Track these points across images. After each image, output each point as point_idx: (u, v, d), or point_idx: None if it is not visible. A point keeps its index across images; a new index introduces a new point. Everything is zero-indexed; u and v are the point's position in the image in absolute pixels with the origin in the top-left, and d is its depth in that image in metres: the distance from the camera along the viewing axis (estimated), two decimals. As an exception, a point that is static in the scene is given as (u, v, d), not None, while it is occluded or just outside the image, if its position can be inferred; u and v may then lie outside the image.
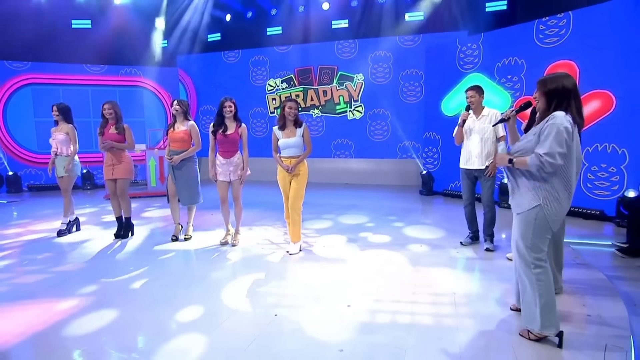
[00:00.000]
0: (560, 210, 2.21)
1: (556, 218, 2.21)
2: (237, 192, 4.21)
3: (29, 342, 2.37)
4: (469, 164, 4.00)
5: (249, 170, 4.23)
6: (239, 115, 4.17)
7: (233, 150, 4.14)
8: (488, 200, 3.99)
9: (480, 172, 3.95)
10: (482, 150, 3.89)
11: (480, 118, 3.92)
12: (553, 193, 2.19)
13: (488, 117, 3.89)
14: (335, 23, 9.13)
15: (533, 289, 2.24)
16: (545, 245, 2.26)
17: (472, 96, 3.90)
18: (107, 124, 4.49)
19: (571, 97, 2.21)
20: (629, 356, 2.14)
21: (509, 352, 2.19)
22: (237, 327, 2.53)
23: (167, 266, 3.69)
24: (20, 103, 8.50)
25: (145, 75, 9.45)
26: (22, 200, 7.45)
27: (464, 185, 4.14)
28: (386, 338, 2.36)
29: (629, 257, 3.78)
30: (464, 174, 4.09)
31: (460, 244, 4.19)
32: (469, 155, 3.99)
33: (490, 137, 3.88)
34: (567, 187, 2.20)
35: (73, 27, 9.28)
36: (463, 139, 4.03)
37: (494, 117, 3.84)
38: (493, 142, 3.88)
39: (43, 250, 4.20)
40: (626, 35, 4.88)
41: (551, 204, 2.19)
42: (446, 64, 7.17)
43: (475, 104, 3.91)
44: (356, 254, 3.97)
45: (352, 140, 9.31)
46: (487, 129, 3.87)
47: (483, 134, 3.89)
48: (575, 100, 2.21)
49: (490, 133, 3.87)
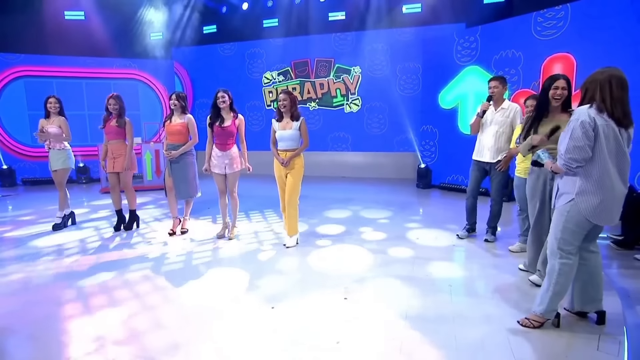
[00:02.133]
0: (596, 203, 2.19)
1: (595, 211, 2.20)
2: (233, 186, 4.19)
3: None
4: (481, 156, 3.95)
5: (251, 167, 4.20)
6: (235, 107, 4.14)
7: (230, 142, 4.10)
8: (496, 194, 3.95)
9: (491, 165, 3.89)
10: (495, 143, 3.83)
11: (499, 111, 3.85)
12: (587, 187, 2.19)
13: (507, 110, 3.82)
14: (332, 15, 9.04)
15: (551, 276, 2.32)
16: (576, 239, 2.29)
17: (495, 87, 3.81)
18: (110, 117, 4.49)
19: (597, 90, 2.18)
20: (622, 346, 2.17)
21: (505, 344, 2.21)
22: (234, 320, 2.53)
23: (164, 260, 3.68)
24: (13, 96, 8.38)
25: (140, 67, 9.34)
26: (17, 194, 7.39)
27: (471, 177, 4.08)
28: (382, 330, 2.38)
29: (623, 249, 3.81)
30: (474, 166, 4.04)
31: (457, 236, 4.20)
32: (481, 147, 3.94)
33: (506, 132, 3.81)
34: (602, 181, 2.17)
35: (66, 18, 9.13)
36: (478, 130, 3.96)
37: (514, 112, 3.79)
38: (508, 137, 3.81)
39: (38, 244, 4.18)
40: (624, 27, 4.86)
41: (584, 198, 2.20)
42: (443, 56, 7.13)
43: (497, 95, 3.82)
44: (353, 247, 3.97)
45: (349, 134, 9.28)
46: (504, 122, 3.80)
47: (499, 127, 3.82)
48: (602, 92, 2.17)
49: (507, 127, 3.80)
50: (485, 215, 4.20)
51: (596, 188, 2.19)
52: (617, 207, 2.26)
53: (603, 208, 2.21)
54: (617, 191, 2.21)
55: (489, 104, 3.87)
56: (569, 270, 2.29)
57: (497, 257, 3.67)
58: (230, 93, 4.08)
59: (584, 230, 2.27)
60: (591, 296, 2.40)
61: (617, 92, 2.15)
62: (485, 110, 3.88)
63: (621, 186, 2.22)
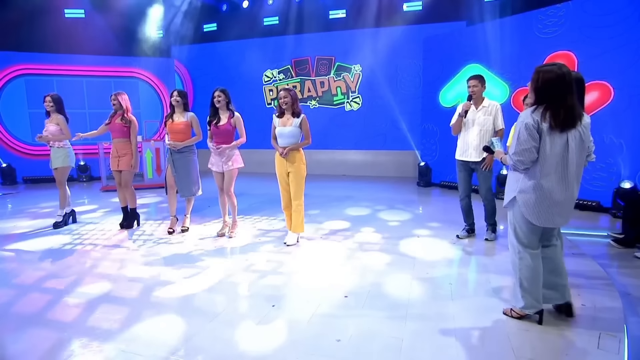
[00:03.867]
0: (534, 203, 2.20)
1: (533, 212, 2.22)
2: (228, 184, 4.18)
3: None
4: (466, 156, 3.95)
5: (242, 163, 4.19)
6: (232, 106, 4.14)
7: (226, 141, 4.10)
8: (486, 193, 3.96)
9: (477, 164, 3.90)
10: (480, 142, 3.83)
11: (480, 109, 3.87)
12: (527, 186, 2.23)
13: (488, 108, 3.85)
14: (333, 13, 9.02)
15: (516, 271, 2.38)
16: (531, 234, 2.30)
17: (474, 85, 3.82)
18: (116, 114, 4.52)
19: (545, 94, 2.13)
20: (622, 344, 2.17)
21: (505, 341, 2.21)
22: (234, 318, 2.53)
23: (163, 259, 3.68)
24: (13, 94, 8.38)
25: (141, 66, 9.33)
26: (18, 193, 7.40)
27: (459, 178, 4.08)
28: (383, 328, 2.38)
29: (624, 247, 3.81)
30: (460, 166, 4.04)
31: (457, 237, 4.17)
32: (466, 147, 3.94)
33: (489, 129, 3.83)
34: (541, 182, 2.17)
35: (66, 16, 9.11)
36: (460, 130, 3.98)
37: (494, 109, 3.81)
38: (492, 135, 3.82)
39: (39, 242, 4.18)
40: (625, 25, 4.85)
41: (522, 196, 2.24)
42: (444, 54, 7.12)
43: (477, 94, 3.84)
44: (353, 245, 3.97)
45: (349, 132, 9.27)
46: (486, 120, 3.83)
47: (482, 126, 3.84)
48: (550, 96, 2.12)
49: (490, 125, 3.83)
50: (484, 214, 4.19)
51: (534, 189, 2.20)
52: (560, 210, 2.21)
53: (541, 210, 2.21)
54: (556, 195, 2.17)
55: (470, 104, 3.87)
56: (530, 264, 2.31)
57: (497, 255, 3.67)
58: (227, 92, 4.09)
59: (532, 227, 2.28)
60: (553, 289, 2.38)
61: (570, 100, 2.10)
62: (467, 110, 3.89)
63: (563, 190, 2.17)
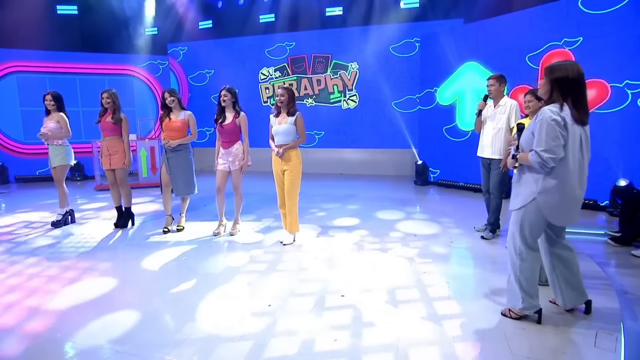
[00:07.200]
0: (558, 202, 2.21)
1: (556, 211, 2.23)
2: (237, 182, 4.18)
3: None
4: (482, 153, 4.04)
5: (250, 161, 4.19)
6: (239, 106, 4.15)
7: (232, 140, 4.10)
8: (493, 187, 3.99)
9: (492, 161, 3.94)
10: (492, 139, 3.89)
11: (497, 107, 3.90)
12: (551, 186, 2.19)
13: (504, 107, 3.86)
14: (330, 10, 8.97)
15: (515, 272, 2.35)
16: (535, 238, 2.32)
17: (491, 85, 3.88)
18: (106, 112, 4.45)
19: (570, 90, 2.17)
20: (618, 342, 2.16)
21: (502, 341, 2.20)
22: (230, 317, 2.50)
23: (159, 258, 3.64)
24: (5, 92, 8.27)
25: (135, 63, 9.24)
26: (10, 192, 7.31)
27: (482, 173, 4.17)
28: (379, 328, 2.36)
29: (621, 246, 3.81)
30: (481, 162, 4.13)
31: (482, 237, 4.04)
32: (482, 144, 4.03)
33: (502, 127, 3.85)
34: (566, 180, 2.18)
35: (58, 12, 9.00)
36: (481, 128, 4.05)
37: (510, 107, 3.82)
38: (506, 133, 3.82)
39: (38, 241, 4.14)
40: (622, 23, 4.85)
41: (546, 196, 2.21)
42: (442, 52, 7.09)
43: (494, 93, 3.88)
44: (350, 245, 3.95)
45: (346, 130, 9.24)
46: (500, 119, 3.86)
47: (496, 124, 3.88)
48: (574, 93, 2.17)
49: (504, 123, 3.84)
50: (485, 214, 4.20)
51: (558, 187, 2.19)
52: (577, 208, 2.28)
53: (564, 208, 2.23)
54: (577, 192, 2.23)
55: (484, 103, 3.95)
56: (532, 265, 2.32)
57: (495, 254, 3.66)
58: (234, 91, 4.11)
59: (540, 229, 2.31)
60: (577, 291, 2.43)
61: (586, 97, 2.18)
62: (481, 110, 3.96)
63: (581, 187, 2.24)
